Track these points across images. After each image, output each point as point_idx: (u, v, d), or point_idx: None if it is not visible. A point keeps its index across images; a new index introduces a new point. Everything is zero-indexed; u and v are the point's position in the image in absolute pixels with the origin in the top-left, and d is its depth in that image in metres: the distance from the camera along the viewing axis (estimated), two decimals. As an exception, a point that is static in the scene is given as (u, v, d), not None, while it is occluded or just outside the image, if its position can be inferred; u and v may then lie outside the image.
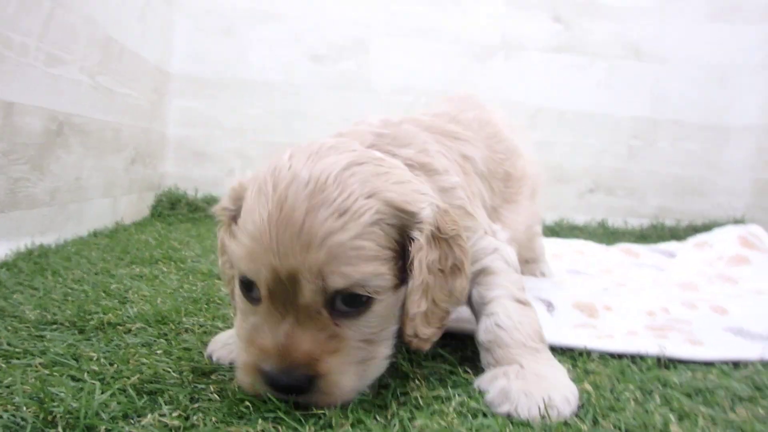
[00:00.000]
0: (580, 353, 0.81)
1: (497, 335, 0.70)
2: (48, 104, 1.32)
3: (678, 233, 2.28)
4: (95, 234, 1.59)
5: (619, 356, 0.81)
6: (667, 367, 0.79)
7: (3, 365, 0.66)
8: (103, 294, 0.98)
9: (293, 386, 0.56)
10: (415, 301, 0.61)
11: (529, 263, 1.31)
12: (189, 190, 2.22)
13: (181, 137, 2.25)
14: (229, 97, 2.25)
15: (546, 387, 0.63)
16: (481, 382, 0.68)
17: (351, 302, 0.59)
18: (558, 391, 0.63)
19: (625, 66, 2.39)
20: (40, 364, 0.67)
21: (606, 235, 2.27)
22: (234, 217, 0.65)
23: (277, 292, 0.57)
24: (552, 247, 1.61)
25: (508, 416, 0.61)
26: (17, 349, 0.70)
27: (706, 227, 2.16)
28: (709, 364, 0.81)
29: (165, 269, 1.22)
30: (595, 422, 0.61)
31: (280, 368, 0.56)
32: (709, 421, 0.63)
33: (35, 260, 1.19)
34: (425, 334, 0.64)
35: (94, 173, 1.61)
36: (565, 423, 0.60)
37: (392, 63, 2.32)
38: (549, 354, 0.71)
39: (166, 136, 2.22)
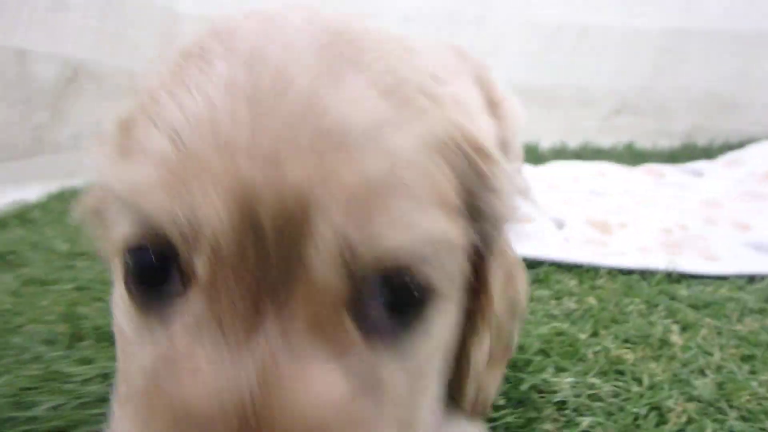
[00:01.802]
0: (588, 269, 0.81)
1: None
2: (60, 51, 1.33)
3: (711, 153, 2.21)
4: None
5: (629, 272, 0.81)
6: (678, 282, 0.79)
7: (39, 290, 0.73)
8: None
9: None
10: (482, 338, 0.35)
11: None
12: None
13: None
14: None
15: None
16: None
17: (397, 305, 0.28)
18: None
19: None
20: (70, 288, 0.74)
21: (632, 157, 2.21)
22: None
23: (241, 267, 0.24)
24: (571, 170, 1.58)
25: None
26: (51, 277, 0.77)
27: (742, 146, 2.09)
28: (722, 279, 0.80)
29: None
30: (595, 333, 0.62)
31: None
32: (713, 332, 0.63)
33: (65, 201, 1.24)
34: (491, 392, 0.39)
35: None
36: (562, 333, 0.61)
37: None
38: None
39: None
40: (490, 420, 0.44)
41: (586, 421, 0.46)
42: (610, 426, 0.45)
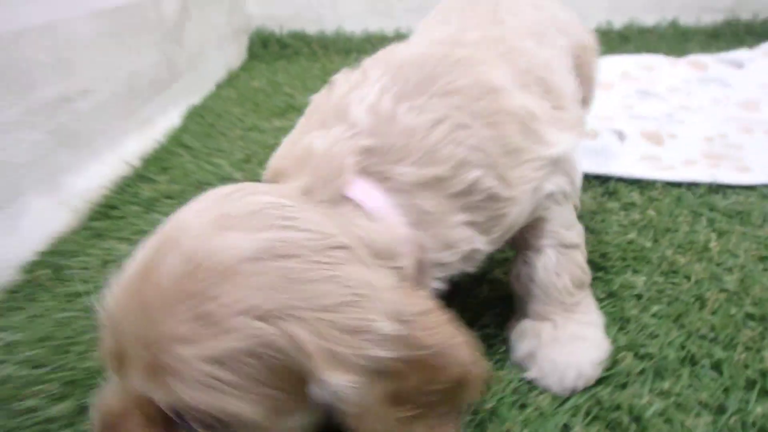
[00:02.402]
0: (646, 184, 1.06)
1: (531, 290, 0.65)
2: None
3: (754, 29, 2.30)
4: (218, 86, 1.85)
5: (678, 184, 1.06)
6: (716, 192, 1.03)
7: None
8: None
9: None
10: None
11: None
12: (275, 29, 2.38)
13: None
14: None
15: (576, 354, 0.62)
16: (511, 333, 0.68)
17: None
18: (588, 355, 0.62)
19: None
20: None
21: (676, 36, 2.32)
22: None
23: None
24: (621, 65, 1.75)
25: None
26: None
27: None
28: (751, 188, 1.04)
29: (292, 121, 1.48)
30: (655, 240, 0.89)
31: None
32: (740, 237, 0.89)
33: (198, 120, 1.48)
34: None
35: (207, 32, 1.81)
36: (632, 242, 0.87)
37: None
38: (588, 303, 0.69)
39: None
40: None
41: (654, 308, 0.74)
42: (670, 311, 0.73)
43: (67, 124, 0.98)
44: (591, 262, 0.82)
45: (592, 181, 1.07)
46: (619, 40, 2.29)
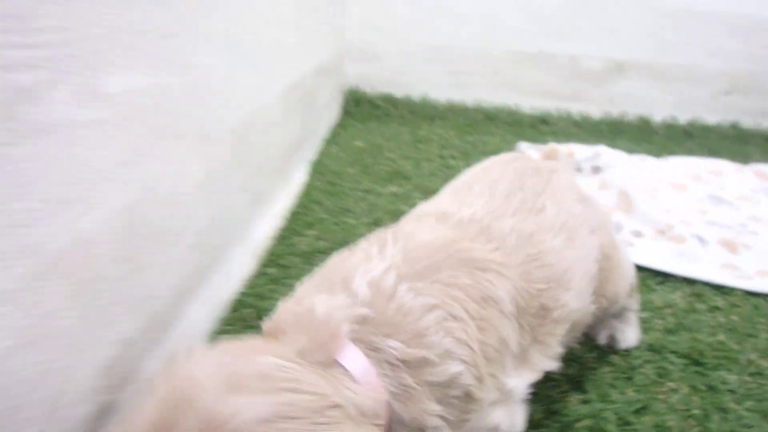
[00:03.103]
0: (728, 290, 1.24)
1: None
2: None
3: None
4: (325, 141, 2.07)
5: (755, 293, 1.23)
6: (787, 303, 1.21)
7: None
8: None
9: None
10: None
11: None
12: (367, 89, 2.62)
13: (358, 40, 2.60)
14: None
15: None
16: None
17: None
18: None
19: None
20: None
21: (737, 137, 2.51)
22: None
23: None
24: (692, 167, 1.94)
25: None
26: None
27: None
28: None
29: (402, 187, 1.69)
30: (739, 343, 1.06)
31: None
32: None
33: (320, 178, 1.68)
34: None
35: (325, 90, 2.04)
36: (721, 342, 1.05)
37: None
38: None
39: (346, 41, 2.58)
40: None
41: (747, 403, 0.91)
42: (759, 407, 0.90)
43: (252, 184, 1.19)
44: (689, 357, 1.01)
45: (680, 282, 1.25)
46: (683, 135, 2.49)
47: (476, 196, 0.77)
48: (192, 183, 0.84)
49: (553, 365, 0.73)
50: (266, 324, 0.60)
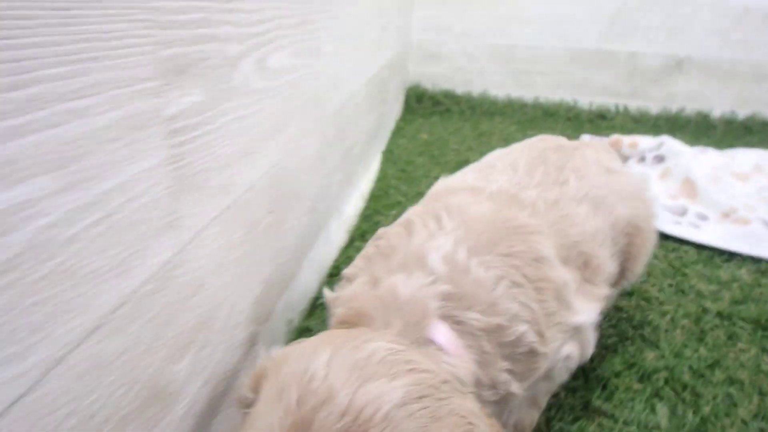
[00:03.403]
0: (794, 268, 1.29)
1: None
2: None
3: None
4: (392, 133, 2.18)
5: (821, 271, 1.28)
6: None
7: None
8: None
9: None
10: None
11: None
12: (428, 86, 2.73)
13: (420, 40, 2.71)
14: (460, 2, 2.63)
15: None
16: None
17: None
18: None
19: None
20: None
21: (798, 133, 2.52)
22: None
23: None
24: (753, 157, 1.97)
25: None
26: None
27: None
28: None
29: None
30: (808, 315, 1.12)
31: None
32: None
33: (391, 165, 1.80)
34: None
35: (392, 88, 2.16)
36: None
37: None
38: None
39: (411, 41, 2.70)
40: None
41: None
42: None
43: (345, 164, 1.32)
44: (758, 323, 1.08)
45: (746, 260, 1.31)
46: (743, 130, 2.51)
47: (500, 173, 0.83)
48: (310, 154, 0.97)
49: (609, 291, 0.79)
50: (341, 312, 0.62)
